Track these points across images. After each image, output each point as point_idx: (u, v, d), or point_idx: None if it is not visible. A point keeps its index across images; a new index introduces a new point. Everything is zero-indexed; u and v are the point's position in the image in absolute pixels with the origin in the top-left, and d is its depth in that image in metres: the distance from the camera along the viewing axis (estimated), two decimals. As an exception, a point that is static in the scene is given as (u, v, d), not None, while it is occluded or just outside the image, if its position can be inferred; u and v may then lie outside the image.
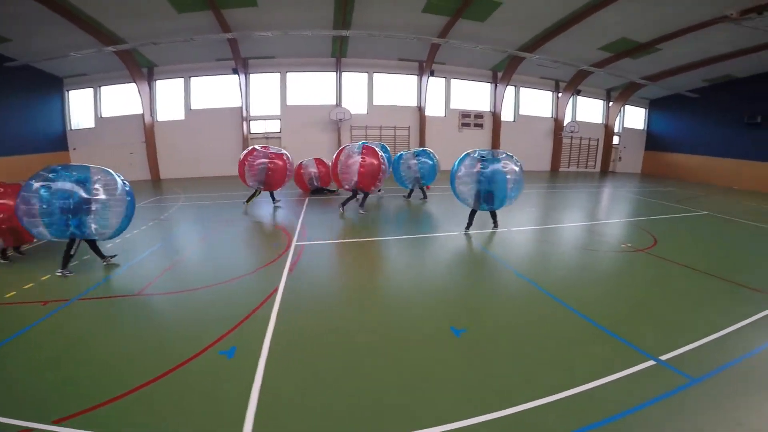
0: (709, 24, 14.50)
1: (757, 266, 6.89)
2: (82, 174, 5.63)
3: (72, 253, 5.81)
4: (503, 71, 21.85)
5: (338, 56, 19.60)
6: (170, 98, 19.54)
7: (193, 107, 19.56)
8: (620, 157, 27.27)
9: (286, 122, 20.29)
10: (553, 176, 22.34)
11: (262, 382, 3.26)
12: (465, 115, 22.83)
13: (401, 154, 12.56)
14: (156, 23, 14.79)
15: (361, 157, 9.83)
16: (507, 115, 23.66)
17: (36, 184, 5.37)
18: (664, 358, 3.61)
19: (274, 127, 20.37)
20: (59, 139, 18.55)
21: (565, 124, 24.40)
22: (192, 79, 19.43)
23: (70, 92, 19.00)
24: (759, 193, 18.41)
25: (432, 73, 20.85)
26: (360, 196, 10.57)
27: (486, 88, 23.14)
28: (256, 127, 20.24)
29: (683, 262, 6.73)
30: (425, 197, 12.65)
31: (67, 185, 5.45)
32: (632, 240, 8.32)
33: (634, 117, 27.36)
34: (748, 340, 4.06)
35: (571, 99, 24.44)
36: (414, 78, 21.51)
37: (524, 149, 23.91)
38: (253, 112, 20.11)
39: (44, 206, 5.34)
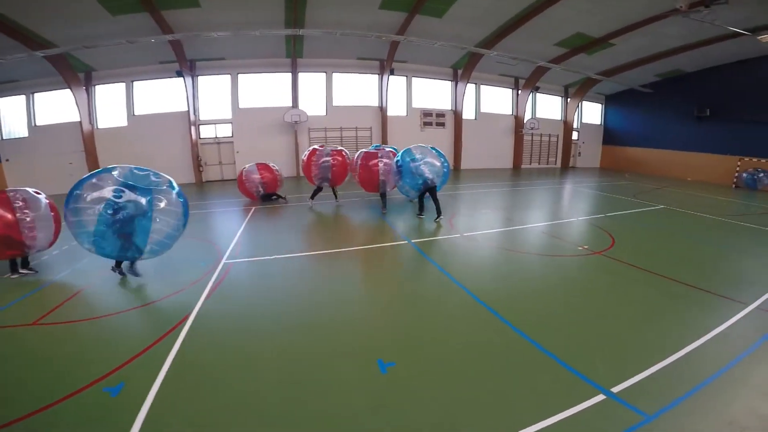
0: (660, 18, 14.71)
1: (718, 266, 6.69)
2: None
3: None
4: (463, 69, 21.64)
5: (293, 56, 18.77)
6: (111, 104, 18.07)
7: (136, 113, 18.24)
8: (580, 153, 27.72)
9: (239, 126, 19.23)
10: (514, 174, 22.31)
11: (143, 424, 2.90)
12: (427, 114, 22.49)
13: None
14: (89, 26, 13.53)
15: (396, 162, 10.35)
16: (468, 114, 23.50)
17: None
18: (616, 390, 3.18)
19: (225, 131, 19.32)
20: (-12, 150, 16.90)
21: (525, 121, 24.50)
22: (134, 83, 18.06)
23: (0, 100, 17.36)
24: (710, 184, 18.98)
25: (392, 72, 20.36)
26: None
27: (447, 86, 22.88)
28: (206, 132, 19.11)
29: (641, 264, 6.46)
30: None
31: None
32: (589, 241, 8.06)
33: (592, 112, 27.94)
34: (709, 360, 3.68)
35: (531, 96, 24.57)
36: (375, 77, 20.95)
37: (486, 147, 24.04)
38: (202, 116, 18.94)
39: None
